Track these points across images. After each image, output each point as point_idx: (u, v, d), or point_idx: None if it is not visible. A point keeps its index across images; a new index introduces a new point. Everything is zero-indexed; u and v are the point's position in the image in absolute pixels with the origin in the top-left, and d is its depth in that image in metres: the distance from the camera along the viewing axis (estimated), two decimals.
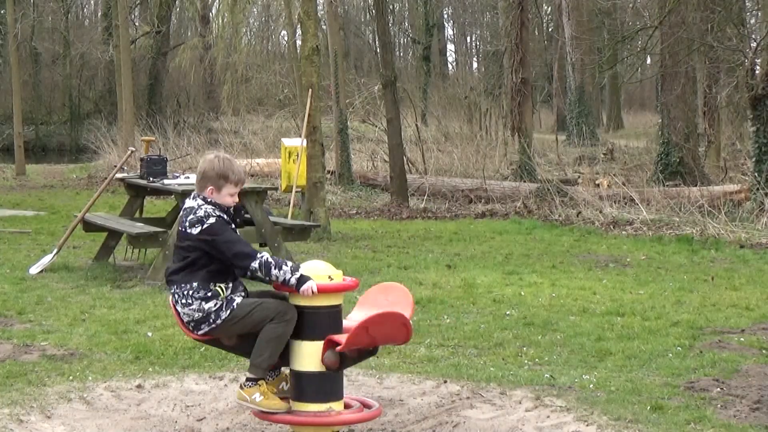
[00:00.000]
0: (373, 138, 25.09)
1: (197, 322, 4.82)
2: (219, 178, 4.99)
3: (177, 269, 4.91)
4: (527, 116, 19.97)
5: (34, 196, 18.74)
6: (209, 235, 4.81)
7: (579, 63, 29.87)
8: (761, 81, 14.53)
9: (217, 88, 37.29)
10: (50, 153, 34.47)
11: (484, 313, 8.16)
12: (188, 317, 4.83)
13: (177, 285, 4.88)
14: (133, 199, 11.16)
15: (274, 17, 40.06)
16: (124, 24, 25.11)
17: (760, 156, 14.62)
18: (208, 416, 5.51)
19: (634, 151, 24.51)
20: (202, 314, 4.79)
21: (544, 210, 15.47)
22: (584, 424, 5.23)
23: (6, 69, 28.88)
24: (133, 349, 6.79)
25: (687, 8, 17.77)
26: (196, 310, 4.80)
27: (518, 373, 6.26)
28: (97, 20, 43.24)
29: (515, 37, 19.93)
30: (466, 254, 11.58)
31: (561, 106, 34.14)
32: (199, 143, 24.89)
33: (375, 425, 5.29)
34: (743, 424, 5.23)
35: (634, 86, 42.86)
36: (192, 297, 4.81)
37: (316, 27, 14.00)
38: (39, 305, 8.36)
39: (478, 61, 53.07)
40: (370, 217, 15.64)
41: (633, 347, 6.92)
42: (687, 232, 13.07)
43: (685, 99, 18.69)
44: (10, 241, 12.26)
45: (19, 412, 5.38)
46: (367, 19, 46.49)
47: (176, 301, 4.88)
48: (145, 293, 8.94)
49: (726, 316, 8.02)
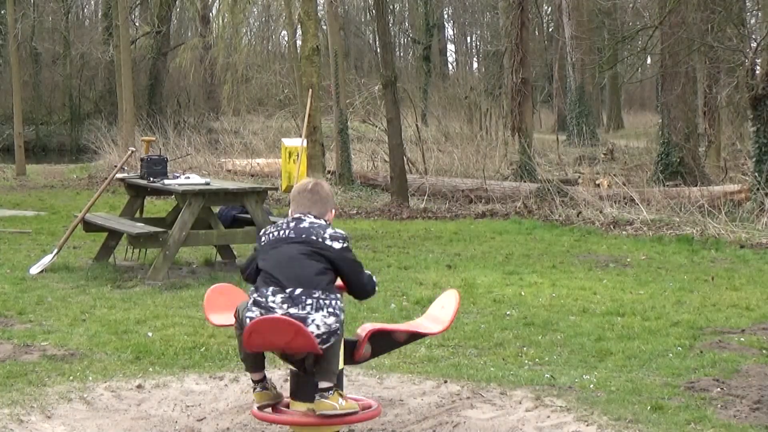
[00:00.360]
0: (373, 138, 25.09)
1: (330, 334, 4.65)
2: (334, 202, 5.19)
3: (321, 275, 4.71)
4: (527, 116, 19.97)
5: (35, 196, 18.74)
6: (350, 254, 4.85)
7: (579, 63, 29.89)
8: (761, 81, 14.52)
9: (218, 88, 37.30)
10: (50, 153, 34.47)
11: (485, 313, 8.16)
12: (327, 328, 4.63)
13: (324, 292, 4.68)
14: (134, 199, 11.16)
15: (274, 17, 40.08)
16: (125, 24, 25.12)
17: (760, 156, 14.62)
18: (208, 416, 5.51)
19: (635, 151, 24.51)
20: (339, 326, 4.70)
21: (544, 210, 15.47)
22: (584, 424, 5.23)
23: (6, 69, 28.88)
24: (134, 349, 6.79)
25: (687, 8, 17.77)
26: (336, 322, 4.68)
27: (518, 373, 6.27)
28: (97, 20, 43.25)
29: (515, 37, 19.93)
30: (466, 254, 11.58)
31: (561, 106, 34.15)
32: (200, 143, 24.90)
33: (375, 425, 5.29)
34: (743, 424, 5.23)
35: (635, 86, 42.87)
36: (338, 308, 4.71)
37: (316, 27, 14.01)
38: (39, 305, 8.36)
39: (478, 61, 53.11)
40: (370, 217, 15.64)
41: (633, 347, 6.92)
42: (687, 232, 13.06)
43: (686, 99, 18.69)
44: (10, 242, 12.26)
45: (19, 412, 5.38)
46: (368, 19, 46.50)
47: (318, 307, 4.65)
48: (145, 293, 8.94)
49: (726, 316, 8.02)
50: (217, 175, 20.03)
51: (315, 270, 4.72)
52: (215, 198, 10.10)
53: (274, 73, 34.18)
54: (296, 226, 4.86)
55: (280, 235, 4.86)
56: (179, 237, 9.64)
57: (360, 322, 7.57)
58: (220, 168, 21.88)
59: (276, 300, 4.67)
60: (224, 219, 10.98)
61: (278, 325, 4.57)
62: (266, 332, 4.61)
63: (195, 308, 8.24)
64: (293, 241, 4.80)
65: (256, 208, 9.99)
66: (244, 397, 5.79)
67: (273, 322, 4.58)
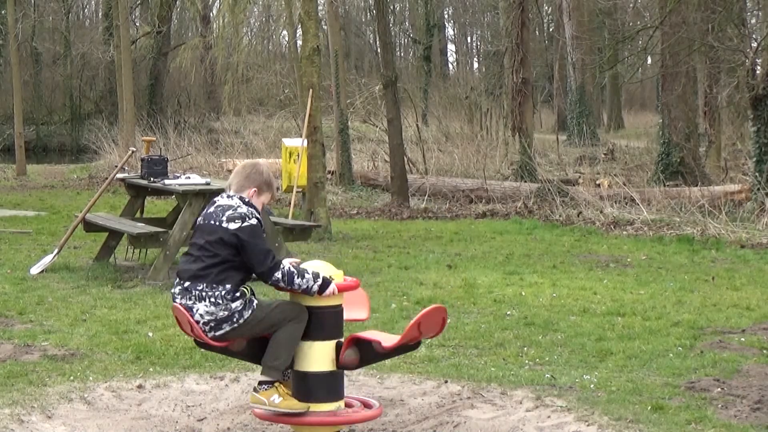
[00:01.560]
0: (373, 138, 25.08)
1: (219, 321, 4.73)
2: (264, 183, 5.05)
3: (208, 266, 4.77)
4: (528, 116, 19.96)
5: (35, 196, 18.74)
6: (246, 236, 4.79)
7: (580, 63, 29.87)
8: (762, 81, 14.52)
9: (218, 88, 37.29)
10: (51, 153, 34.46)
11: (485, 313, 8.16)
12: (210, 316, 4.73)
13: (206, 283, 4.76)
14: (134, 200, 11.16)
15: (274, 17, 40.05)
16: (125, 24, 25.12)
17: (760, 156, 14.62)
18: (208, 416, 5.51)
19: (635, 151, 24.50)
20: (227, 313, 4.73)
21: (544, 210, 15.46)
22: (585, 424, 5.23)
23: (7, 69, 28.87)
24: (134, 349, 6.79)
25: (687, 8, 17.76)
26: (222, 309, 4.73)
27: (519, 373, 6.26)
28: (97, 20, 43.24)
29: (516, 37, 19.92)
30: (466, 254, 11.58)
31: (561, 106, 34.13)
32: (200, 143, 24.89)
33: (376, 425, 5.29)
34: (744, 424, 5.23)
35: (635, 86, 42.82)
36: (223, 297, 4.74)
37: (316, 27, 13.99)
38: (40, 305, 8.36)
39: (478, 61, 53.09)
40: (370, 217, 15.64)
41: (634, 347, 6.92)
42: (688, 232, 13.06)
43: (686, 99, 18.68)
44: (10, 242, 12.26)
45: (20, 412, 5.38)
46: (368, 19, 46.50)
47: (200, 298, 4.75)
48: (145, 293, 8.94)
49: (727, 316, 8.02)
50: (218, 175, 20.02)
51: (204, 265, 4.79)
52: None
53: (275, 73, 34.17)
54: (206, 211, 4.99)
55: (197, 222, 5.04)
56: (179, 237, 9.64)
57: (360, 322, 7.57)
58: (221, 168, 21.87)
59: (175, 291, 4.90)
60: None
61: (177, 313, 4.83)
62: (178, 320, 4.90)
63: None
64: (199, 230, 4.95)
65: None
66: (245, 397, 5.78)
67: (175, 311, 4.85)
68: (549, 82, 39.03)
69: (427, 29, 41.15)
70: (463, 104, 27.36)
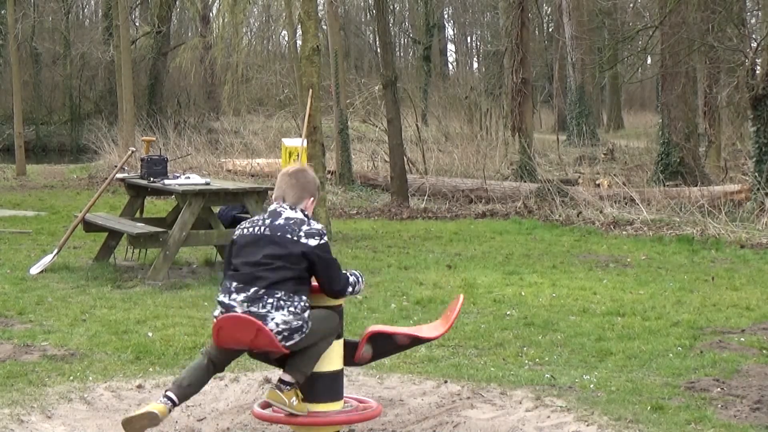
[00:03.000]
0: (373, 138, 25.09)
1: (292, 331, 4.68)
2: (317, 189, 5.01)
3: (287, 278, 4.71)
4: (527, 116, 19.97)
5: (35, 196, 18.74)
6: (325, 253, 4.78)
7: (579, 63, 29.89)
8: (761, 81, 14.52)
9: (218, 88, 37.31)
10: (51, 153, 34.47)
11: (485, 313, 8.16)
12: (286, 326, 4.66)
13: (285, 292, 4.69)
14: (134, 200, 11.16)
15: (274, 17, 40.07)
16: (125, 24, 25.12)
17: (760, 156, 14.62)
18: (208, 416, 5.51)
19: (635, 151, 24.52)
20: (300, 323, 4.70)
21: (544, 210, 15.47)
22: (585, 424, 5.23)
23: (6, 69, 28.85)
24: (134, 349, 6.79)
25: (687, 8, 17.77)
26: (297, 319, 4.69)
27: (519, 373, 6.26)
28: (97, 20, 43.26)
29: (515, 37, 19.92)
30: (466, 254, 11.58)
31: (561, 106, 34.14)
32: (200, 143, 24.90)
33: (375, 425, 5.29)
34: (743, 424, 5.23)
35: (635, 86, 42.84)
36: (301, 308, 4.72)
37: (316, 27, 13.99)
38: (39, 305, 8.36)
39: (478, 61, 53.11)
40: (370, 217, 15.64)
41: (633, 347, 6.92)
42: (687, 232, 13.06)
43: (686, 99, 18.69)
44: (10, 242, 12.26)
45: (19, 412, 5.38)
46: (368, 19, 46.53)
47: (278, 307, 4.67)
48: (145, 293, 8.94)
49: (726, 316, 8.02)
50: (217, 175, 20.03)
51: (282, 275, 4.71)
52: (215, 198, 10.10)
53: (274, 73, 34.19)
54: (272, 223, 4.85)
55: (255, 232, 4.85)
56: (179, 237, 9.64)
57: (360, 322, 7.58)
58: (220, 168, 21.87)
59: (237, 298, 4.74)
60: (224, 219, 10.98)
61: (240, 322, 4.67)
62: (230, 330, 4.70)
63: (195, 308, 8.25)
64: (268, 241, 4.79)
65: (256, 208, 9.99)
66: (244, 397, 5.79)
67: (235, 320, 4.67)
68: (549, 82, 39.03)
69: (426, 29, 41.17)
70: (463, 104, 27.37)
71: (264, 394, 5.76)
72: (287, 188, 4.91)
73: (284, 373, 4.81)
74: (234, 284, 4.76)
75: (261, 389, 5.91)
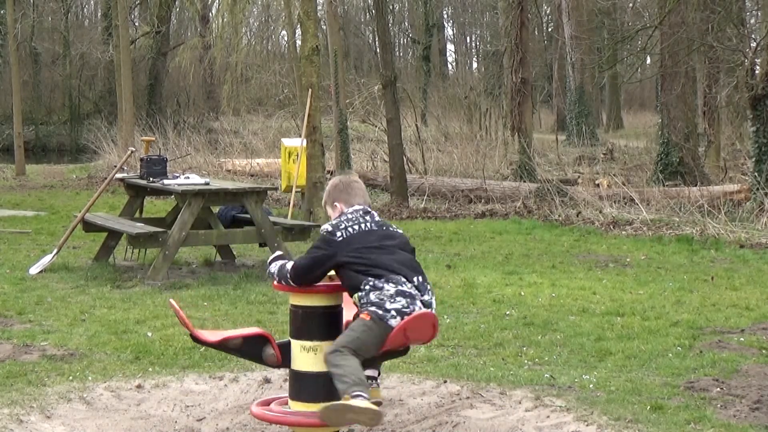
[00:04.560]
0: (373, 138, 25.09)
1: None
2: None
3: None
4: (527, 116, 19.97)
5: (34, 196, 18.74)
6: None
7: (579, 63, 29.89)
8: (761, 81, 14.53)
9: (217, 88, 37.31)
10: (50, 153, 34.48)
11: (484, 313, 8.16)
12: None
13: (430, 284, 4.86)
14: (133, 199, 11.16)
15: (274, 17, 40.05)
16: (124, 24, 25.12)
17: (759, 156, 14.63)
18: (207, 416, 5.51)
19: (634, 151, 24.52)
20: None
21: (544, 210, 15.47)
22: (584, 424, 5.23)
23: (6, 69, 28.88)
24: (133, 349, 6.79)
25: (687, 8, 17.78)
26: None
27: (518, 373, 6.26)
28: (97, 20, 43.28)
29: (515, 37, 19.93)
30: (466, 254, 11.58)
31: (561, 106, 34.16)
32: (199, 143, 24.89)
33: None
34: (743, 424, 5.23)
35: (634, 86, 42.87)
36: None
37: (315, 27, 14.00)
38: (39, 305, 8.36)
39: (478, 61, 53.13)
40: None
41: (633, 347, 6.92)
42: (687, 232, 13.06)
43: (685, 99, 18.69)
44: (10, 242, 12.26)
45: (19, 412, 5.37)
46: (367, 19, 46.52)
47: (433, 293, 4.82)
48: (145, 293, 8.94)
49: (726, 316, 8.02)
50: (217, 175, 20.03)
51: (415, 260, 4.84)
52: (215, 198, 10.10)
53: (274, 73, 34.18)
54: (373, 218, 4.92)
55: (363, 229, 4.85)
56: (179, 237, 9.64)
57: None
58: (220, 168, 21.88)
59: (417, 286, 4.74)
60: (224, 219, 10.98)
61: (430, 320, 4.71)
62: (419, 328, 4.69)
63: (195, 308, 8.24)
64: (385, 235, 4.86)
65: (255, 208, 9.99)
66: (244, 397, 5.79)
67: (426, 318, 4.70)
68: (548, 82, 39.06)
69: (426, 29, 41.18)
70: (463, 104, 27.38)
71: (263, 393, 5.77)
72: (361, 197, 5.00)
73: (372, 369, 4.84)
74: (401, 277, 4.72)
75: (260, 389, 5.91)
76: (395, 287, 4.66)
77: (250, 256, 11.40)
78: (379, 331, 4.64)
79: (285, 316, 6.22)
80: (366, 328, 4.64)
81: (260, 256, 11.21)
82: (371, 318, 4.64)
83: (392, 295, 4.64)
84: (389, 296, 4.64)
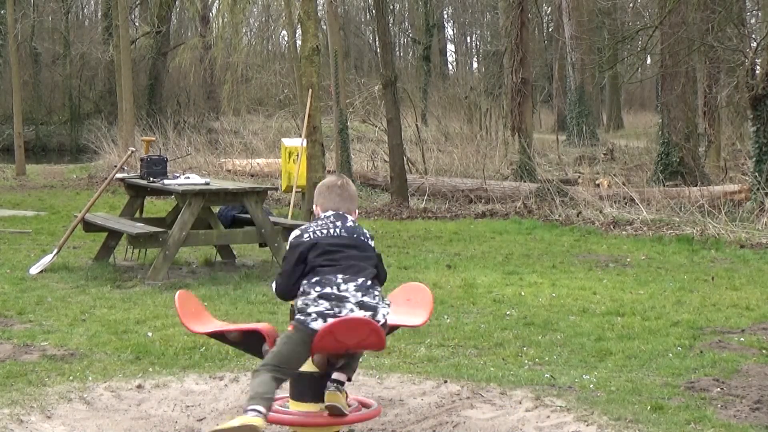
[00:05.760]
0: (373, 138, 25.09)
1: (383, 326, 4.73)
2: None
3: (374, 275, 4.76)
4: (527, 116, 19.97)
5: (34, 196, 18.74)
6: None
7: (579, 63, 29.90)
8: (761, 81, 14.53)
9: (217, 88, 37.32)
10: (50, 153, 34.49)
11: (485, 313, 8.16)
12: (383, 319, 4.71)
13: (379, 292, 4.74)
14: (133, 199, 11.16)
15: (274, 17, 40.06)
16: (124, 24, 25.12)
17: (760, 156, 14.63)
18: (208, 416, 5.51)
19: (634, 151, 24.52)
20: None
21: (544, 210, 15.47)
22: (584, 424, 5.23)
23: (6, 69, 28.88)
24: (134, 349, 6.79)
25: (687, 8, 17.78)
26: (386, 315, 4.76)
27: (518, 373, 6.26)
28: (97, 20, 43.29)
29: (515, 37, 19.93)
30: (466, 254, 11.58)
31: (561, 106, 34.16)
32: (200, 143, 24.90)
33: (375, 425, 5.29)
34: (743, 424, 5.23)
35: (634, 86, 42.86)
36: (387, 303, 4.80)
37: (316, 27, 14.00)
38: (39, 305, 8.36)
39: (478, 61, 53.14)
40: (370, 217, 15.63)
41: (633, 347, 6.92)
42: (687, 232, 13.06)
43: (686, 99, 18.69)
44: (10, 242, 12.26)
45: (19, 412, 5.37)
46: (367, 19, 46.54)
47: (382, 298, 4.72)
48: (145, 293, 8.94)
49: (726, 316, 8.02)
50: (217, 175, 20.03)
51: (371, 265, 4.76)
52: (215, 198, 10.10)
53: (274, 73, 34.20)
54: (343, 225, 4.85)
55: (331, 233, 4.80)
56: (179, 237, 9.64)
57: None
58: (220, 168, 21.88)
59: (349, 288, 4.63)
60: (224, 219, 10.98)
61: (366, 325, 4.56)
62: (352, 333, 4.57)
63: None
64: (348, 243, 4.78)
65: (255, 208, 9.99)
66: (244, 397, 5.77)
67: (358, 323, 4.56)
68: (548, 82, 39.06)
69: (426, 29, 41.18)
70: (463, 104, 27.38)
71: None
72: (341, 201, 4.93)
73: (339, 374, 4.78)
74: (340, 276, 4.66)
75: None
76: (321, 290, 4.61)
77: (251, 257, 11.40)
78: (300, 337, 4.59)
79: (285, 316, 6.22)
80: (286, 339, 4.64)
81: (260, 257, 11.21)
82: (294, 327, 4.66)
83: (315, 299, 4.61)
84: (312, 300, 4.61)
